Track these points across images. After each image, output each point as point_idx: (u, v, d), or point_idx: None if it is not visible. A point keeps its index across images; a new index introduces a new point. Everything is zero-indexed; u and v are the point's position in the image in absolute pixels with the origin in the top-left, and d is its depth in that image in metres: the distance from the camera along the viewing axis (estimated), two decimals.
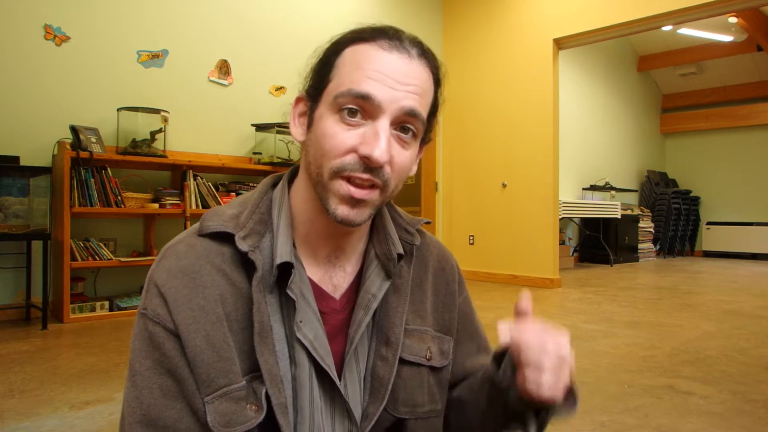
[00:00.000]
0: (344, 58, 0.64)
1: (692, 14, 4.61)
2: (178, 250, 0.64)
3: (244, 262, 0.64)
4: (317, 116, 0.65)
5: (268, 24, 4.78)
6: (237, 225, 0.65)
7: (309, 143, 0.66)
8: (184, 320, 0.60)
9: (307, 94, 0.67)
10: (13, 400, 2.03)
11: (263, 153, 4.61)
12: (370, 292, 0.69)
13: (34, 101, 3.57)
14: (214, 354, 0.59)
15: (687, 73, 9.20)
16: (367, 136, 0.61)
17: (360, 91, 0.61)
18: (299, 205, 0.69)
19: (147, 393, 0.60)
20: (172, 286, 0.61)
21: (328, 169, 0.62)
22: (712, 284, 5.60)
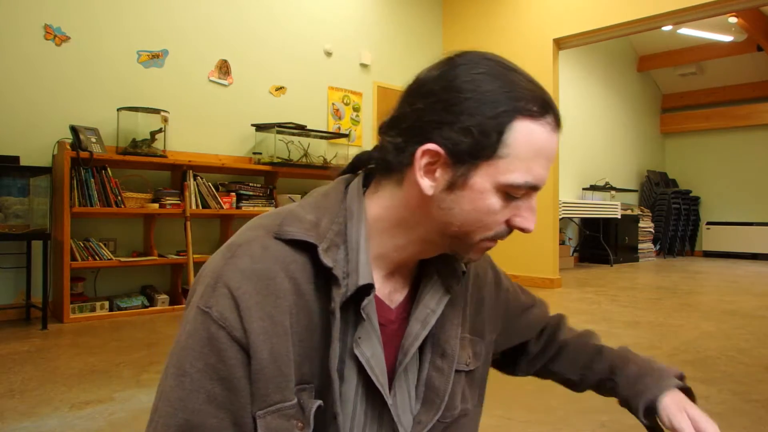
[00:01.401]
0: (516, 136, 0.59)
1: (692, 14, 4.61)
2: (252, 251, 0.60)
3: (318, 274, 0.62)
4: (475, 187, 0.60)
5: (268, 24, 4.78)
6: (318, 235, 0.62)
7: (449, 204, 0.62)
8: (254, 330, 0.57)
9: (450, 152, 0.60)
10: (13, 400, 2.03)
11: (263, 153, 4.61)
12: (429, 307, 0.69)
13: (34, 101, 3.57)
14: (275, 369, 0.57)
15: (687, 73, 9.20)
16: (523, 210, 0.63)
17: (535, 184, 0.61)
18: (381, 228, 0.66)
19: (194, 397, 0.56)
20: (246, 291, 0.57)
21: (480, 236, 0.64)
22: (712, 284, 5.60)
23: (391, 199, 0.66)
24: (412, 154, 0.61)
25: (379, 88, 5.69)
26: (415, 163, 0.61)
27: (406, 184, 0.64)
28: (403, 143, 0.62)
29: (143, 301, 3.78)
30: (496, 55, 0.63)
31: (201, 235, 4.32)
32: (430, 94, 0.61)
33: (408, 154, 0.62)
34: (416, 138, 0.61)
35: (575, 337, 0.93)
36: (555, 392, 2.18)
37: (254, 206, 4.37)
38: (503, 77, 0.60)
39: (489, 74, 0.60)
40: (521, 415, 1.93)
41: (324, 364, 0.61)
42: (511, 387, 2.17)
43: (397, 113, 0.65)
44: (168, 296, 3.92)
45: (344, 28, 5.35)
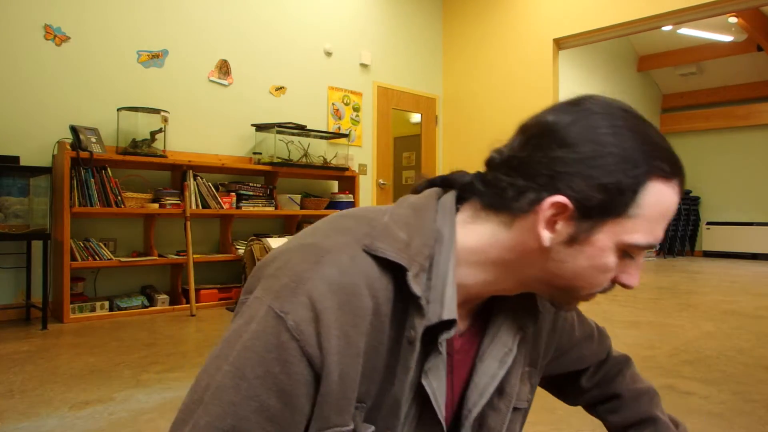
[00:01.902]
0: (648, 197, 0.57)
1: (692, 14, 4.61)
2: (341, 262, 0.56)
3: (399, 298, 0.58)
4: (596, 244, 0.58)
5: (268, 24, 4.78)
6: (409, 258, 0.58)
7: (563, 257, 0.60)
8: (331, 350, 0.53)
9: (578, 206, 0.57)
10: (13, 400, 2.03)
11: (263, 153, 4.61)
12: (507, 346, 0.68)
13: (34, 101, 3.57)
14: (341, 392, 0.54)
15: (687, 73, 9.19)
16: (630, 268, 0.61)
17: (653, 245, 0.59)
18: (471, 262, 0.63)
19: (246, 404, 0.52)
20: (329, 306, 0.54)
21: (587, 291, 0.62)
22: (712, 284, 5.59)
23: (494, 236, 0.62)
24: (536, 202, 0.58)
25: (379, 88, 5.69)
26: (538, 213, 0.58)
27: (518, 228, 0.60)
28: (525, 187, 0.59)
29: (143, 301, 3.78)
30: (624, 102, 0.61)
31: (201, 235, 4.32)
32: (565, 143, 0.57)
33: (529, 200, 0.58)
34: (544, 186, 0.57)
35: (634, 393, 0.89)
36: None
37: (254, 206, 4.37)
38: (641, 132, 0.58)
39: (628, 128, 0.58)
40: None
41: (383, 387, 0.59)
42: None
43: (519, 154, 0.60)
44: (168, 296, 3.92)
45: (344, 28, 5.35)
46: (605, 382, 0.90)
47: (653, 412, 0.87)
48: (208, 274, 4.30)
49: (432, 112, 6.26)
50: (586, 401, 0.92)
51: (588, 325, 0.89)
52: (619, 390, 0.89)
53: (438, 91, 6.29)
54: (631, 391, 0.89)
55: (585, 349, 0.88)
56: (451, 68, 6.20)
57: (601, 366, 0.91)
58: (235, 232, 4.47)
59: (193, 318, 3.65)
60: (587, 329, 0.89)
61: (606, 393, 0.90)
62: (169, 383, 2.26)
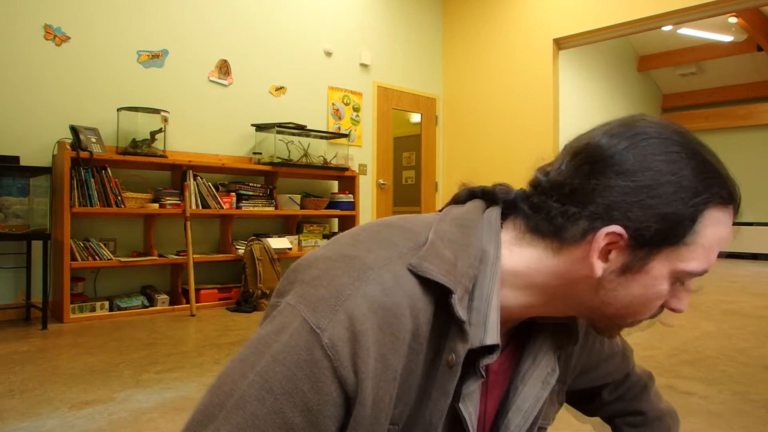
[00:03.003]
0: (706, 224, 0.56)
1: (692, 14, 4.61)
2: (384, 279, 0.53)
3: (440, 320, 0.56)
4: (651, 272, 0.57)
5: (268, 24, 4.78)
6: (455, 280, 0.56)
7: (616, 286, 0.58)
8: (367, 374, 0.51)
9: (634, 235, 0.55)
10: (13, 400, 2.03)
11: (263, 153, 4.61)
12: (550, 366, 0.67)
13: (34, 101, 3.57)
14: (373, 417, 0.52)
15: (687, 73, 9.19)
16: (680, 292, 0.61)
17: (708, 269, 0.59)
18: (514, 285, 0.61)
19: (270, 420, 0.50)
20: (369, 327, 0.51)
21: (637, 318, 0.61)
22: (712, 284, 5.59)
23: (540, 261, 0.60)
24: (589, 231, 0.56)
25: (379, 88, 5.69)
26: (592, 243, 0.56)
27: (567, 255, 0.58)
28: (577, 215, 0.56)
29: (143, 301, 3.78)
30: (679, 125, 0.59)
31: (201, 235, 4.32)
32: (621, 170, 0.55)
33: (582, 229, 0.56)
34: (599, 216, 0.55)
35: (657, 414, 0.89)
36: None
37: (254, 206, 4.37)
38: (699, 158, 0.56)
39: (686, 154, 0.55)
40: None
41: (416, 410, 0.57)
42: None
43: (570, 180, 0.57)
44: (168, 296, 3.92)
45: (344, 28, 5.35)
46: (629, 398, 0.89)
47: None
48: (208, 274, 4.30)
49: (432, 112, 6.26)
50: (607, 414, 0.91)
51: (615, 340, 0.88)
52: (643, 408, 0.88)
53: (438, 91, 6.29)
54: (655, 411, 0.88)
55: (611, 365, 0.86)
56: (451, 68, 6.20)
57: (625, 380, 0.89)
58: (235, 232, 4.47)
59: (193, 318, 3.65)
60: (615, 345, 0.87)
61: (629, 408, 0.89)
62: (169, 383, 2.26)
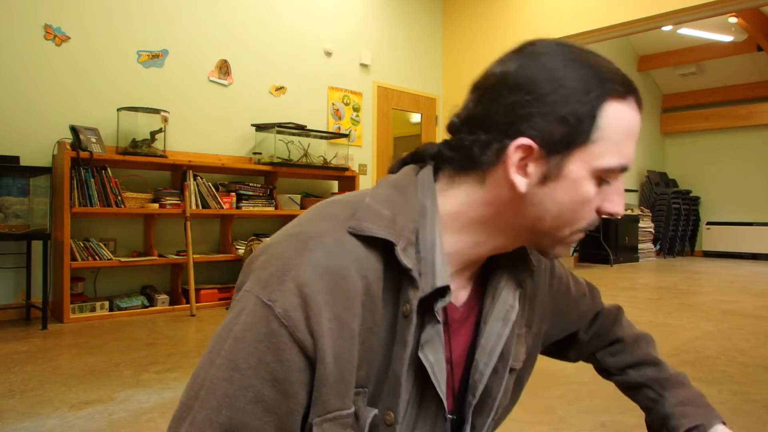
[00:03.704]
0: (609, 118, 0.58)
1: (692, 14, 4.61)
2: (326, 245, 0.56)
3: (392, 274, 0.58)
4: (569, 176, 0.59)
5: (269, 24, 4.78)
6: (396, 232, 0.58)
7: (542, 198, 0.60)
8: (323, 333, 0.53)
9: (543, 143, 0.58)
10: (13, 400, 2.04)
11: (263, 153, 4.61)
12: (508, 303, 0.68)
13: (34, 101, 3.57)
14: (338, 374, 0.54)
15: (687, 73, 9.19)
16: (612, 195, 0.62)
17: (626, 166, 0.60)
18: (456, 227, 0.64)
19: (241, 395, 0.52)
20: (317, 290, 0.53)
21: (575, 227, 0.62)
22: (712, 284, 5.59)
23: (471, 196, 0.63)
24: (502, 150, 0.58)
25: (379, 88, 5.69)
26: (506, 160, 0.58)
27: (491, 181, 0.61)
28: (488, 140, 0.59)
29: (143, 301, 3.78)
30: (566, 41, 0.62)
31: (201, 235, 4.32)
32: (517, 87, 0.58)
33: (495, 150, 0.59)
34: (506, 134, 0.58)
35: (633, 338, 0.90)
36: (555, 392, 2.18)
37: (254, 206, 4.38)
38: (587, 61, 0.59)
39: (574, 60, 0.59)
40: (521, 415, 1.93)
41: (383, 369, 0.58)
42: None
43: (476, 110, 0.61)
44: (168, 296, 3.93)
45: (344, 28, 5.35)
46: (604, 331, 0.91)
47: (654, 355, 0.88)
48: (208, 274, 4.30)
49: (432, 112, 6.26)
50: (587, 352, 0.93)
51: (581, 283, 0.91)
52: (619, 335, 0.90)
53: (438, 91, 6.29)
54: (631, 336, 0.90)
55: (583, 306, 0.89)
56: (451, 68, 6.20)
57: (597, 317, 0.92)
58: (235, 232, 4.47)
59: (193, 318, 3.65)
60: (581, 287, 0.90)
61: (606, 340, 0.91)
62: (169, 383, 2.26)
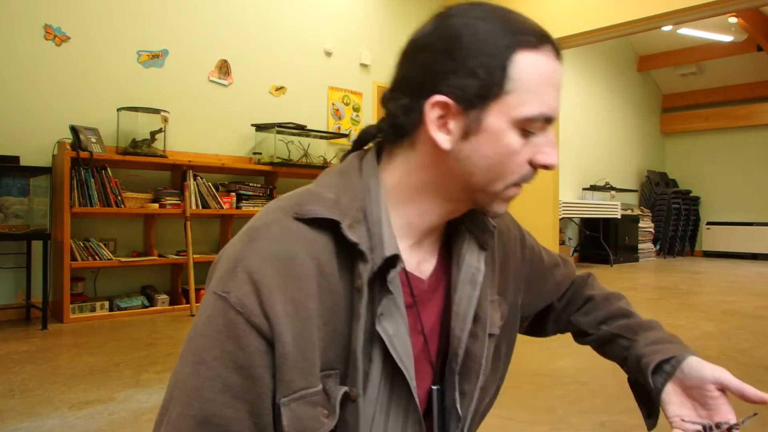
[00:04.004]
0: (521, 69, 0.58)
1: (692, 14, 4.61)
2: (272, 233, 0.58)
3: (343, 252, 0.60)
4: (490, 129, 0.59)
5: (269, 24, 4.78)
6: (341, 212, 0.60)
7: (467, 153, 0.61)
8: (276, 314, 0.55)
9: (457, 99, 0.59)
10: (13, 400, 2.04)
11: (263, 153, 4.61)
12: (473, 266, 0.68)
13: (34, 101, 3.57)
14: (299, 354, 0.55)
15: (687, 73, 9.19)
16: (543, 146, 0.61)
17: (549, 114, 0.59)
18: (400, 197, 0.65)
19: (209, 386, 0.54)
20: (266, 275, 0.55)
21: (507, 181, 0.62)
22: (712, 284, 5.59)
23: (407, 164, 0.64)
24: (421, 110, 0.60)
25: (379, 88, 5.69)
26: (426, 119, 0.60)
27: (420, 144, 0.63)
28: (410, 102, 0.61)
29: (143, 301, 3.78)
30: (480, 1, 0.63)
31: (201, 235, 4.32)
32: (428, 47, 0.61)
33: (417, 112, 0.60)
34: (423, 94, 0.60)
35: (604, 295, 0.90)
36: (555, 392, 2.18)
37: (254, 206, 4.38)
38: (498, 15, 0.60)
39: (483, 16, 0.60)
40: (521, 415, 1.93)
41: (349, 347, 0.59)
42: (511, 387, 2.17)
43: (398, 76, 0.64)
44: (168, 296, 3.92)
45: (344, 28, 5.35)
46: (577, 296, 0.91)
47: (625, 308, 0.87)
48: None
49: None
50: (563, 321, 0.91)
51: (553, 254, 0.91)
52: (589, 294, 0.90)
53: None
54: (601, 294, 0.90)
55: (557, 274, 0.89)
56: None
57: (570, 285, 0.92)
58: (235, 232, 4.35)
59: (193, 318, 3.65)
60: (554, 258, 0.90)
61: (578, 302, 0.90)
62: None
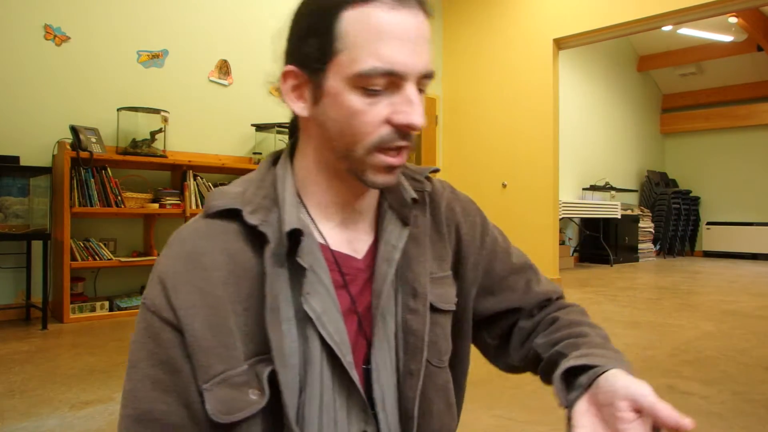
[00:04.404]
0: (348, 25, 0.58)
1: (692, 14, 4.61)
2: (181, 236, 0.63)
3: (252, 238, 0.61)
4: (330, 91, 0.60)
5: (268, 24, 4.78)
6: (244, 201, 0.63)
7: (323, 118, 0.62)
8: (182, 305, 0.58)
9: (302, 66, 0.62)
10: (13, 400, 2.04)
11: (263, 153, 4.61)
12: (390, 243, 0.68)
13: (34, 101, 3.57)
14: (213, 339, 0.57)
15: (687, 73, 9.19)
16: (400, 105, 0.59)
17: (389, 68, 0.57)
18: (308, 177, 0.67)
19: (140, 386, 0.58)
20: (172, 272, 0.59)
21: (365, 145, 0.60)
22: (712, 284, 5.59)
23: (304, 146, 0.68)
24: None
25: None
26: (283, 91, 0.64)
27: (301, 123, 0.67)
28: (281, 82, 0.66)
29: None
30: None
31: None
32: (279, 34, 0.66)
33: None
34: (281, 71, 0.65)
35: (570, 320, 0.75)
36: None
37: None
38: None
39: None
40: (521, 415, 1.93)
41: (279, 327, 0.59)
42: (511, 387, 2.17)
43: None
44: None
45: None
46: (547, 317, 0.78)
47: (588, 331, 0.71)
48: None
49: (432, 112, 6.26)
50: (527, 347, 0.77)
51: (526, 260, 0.83)
52: (557, 316, 0.77)
53: (438, 91, 6.29)
54: (568, 319, 0.76)
55: (528, 279, 0.80)
56: (451, 68, 6.20)
57: (546, 305, 0.80)
58: None
59: None
60: (524, 261, 0.82)
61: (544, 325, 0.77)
62: None
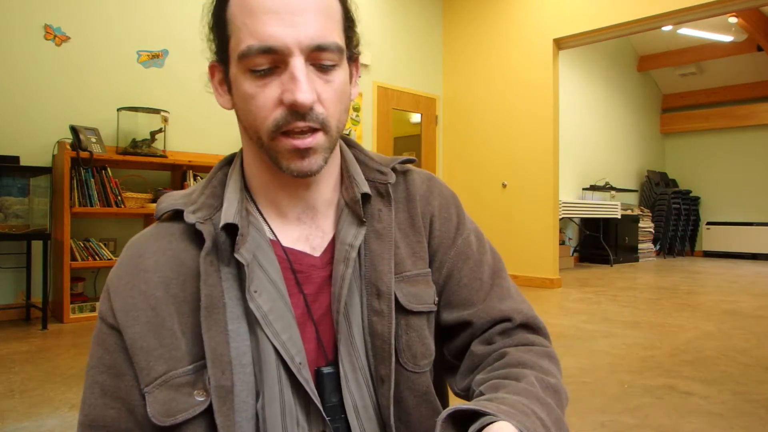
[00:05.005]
0: (232, 9, 0.59)
1: (692, 14, 4.61)
2: (131, 243, 0.65)
3: (195, 238, 0.61)
4: (233, 79, 0.61)
5: None
6: (188, 201, 0.63)
7: (237, 109, 0.63)
8: (121, 308, 0.58)
9: (218, 58, 0.65)
10: (13, 400, 2.04)
11: None
12: (347, 243, 0.64)
13: (34, 101, 3.57)
14: (153, 340, 0.57)
15: (687, 73, 9.20)
16: (287, 83, 0.56)
17: (262, 46, 0.55)
18: (252, 171, 0.66)
19: (89, 392, 0.59)
20: (116, 278, 0.61)
21: (265, 130, 0.59)
22: (712, 284, 5.59)
23: (242, 140, 0.68)
24: None
25: (379, 88, 5.69)
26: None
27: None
28: None
29: None
30: None
31: None
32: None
33: None
34: None
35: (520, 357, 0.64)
36: None
37: None
38: None
39: None
40: None
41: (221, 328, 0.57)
42: None
43: None
44: None
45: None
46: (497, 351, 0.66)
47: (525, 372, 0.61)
48: None
49: (432, 112, 6.26)
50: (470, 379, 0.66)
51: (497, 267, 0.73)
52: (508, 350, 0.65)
53: (438, 91, 6.29)
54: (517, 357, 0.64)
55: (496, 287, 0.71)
56: (451, 68, 6.20)
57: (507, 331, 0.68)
58: None
59: None
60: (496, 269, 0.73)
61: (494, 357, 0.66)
62: None
